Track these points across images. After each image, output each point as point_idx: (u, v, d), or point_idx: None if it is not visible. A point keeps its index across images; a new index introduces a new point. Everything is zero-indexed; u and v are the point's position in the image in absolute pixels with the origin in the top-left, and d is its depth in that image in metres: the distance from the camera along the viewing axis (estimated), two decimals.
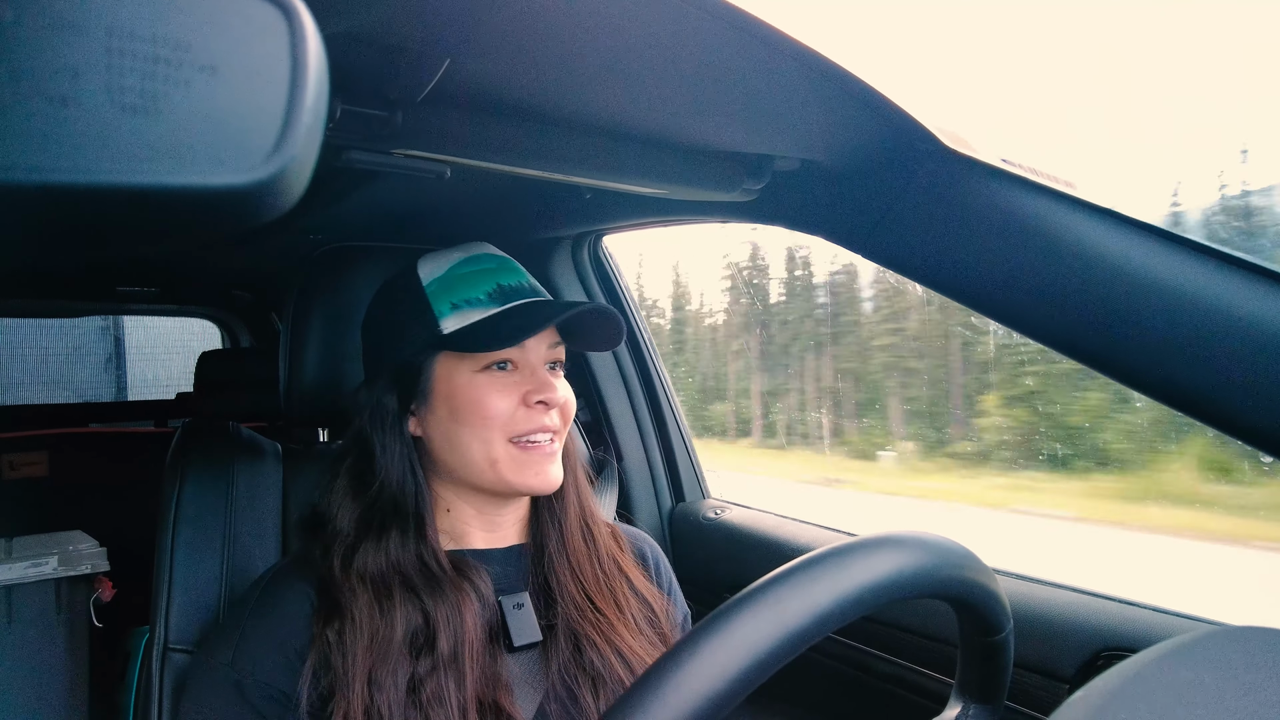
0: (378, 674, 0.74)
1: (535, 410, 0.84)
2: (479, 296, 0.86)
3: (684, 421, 1.74)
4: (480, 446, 0.83)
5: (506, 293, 0.87)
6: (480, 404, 0.83)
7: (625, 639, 0.86)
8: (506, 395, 0.84)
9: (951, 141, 0.78)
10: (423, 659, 0.76)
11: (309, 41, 0.24)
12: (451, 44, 0.60)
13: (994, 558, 0.68)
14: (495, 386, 0.84)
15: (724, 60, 0.65)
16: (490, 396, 0.83)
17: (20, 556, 1.94)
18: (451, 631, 0.77)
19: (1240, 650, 0.45)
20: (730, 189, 0.95)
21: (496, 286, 0.87)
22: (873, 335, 2.72)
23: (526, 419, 0.84)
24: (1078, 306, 0.71)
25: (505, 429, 0.83)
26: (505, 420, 0.83)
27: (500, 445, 0.83)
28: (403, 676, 0.75)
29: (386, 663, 0.74)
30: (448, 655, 0.76)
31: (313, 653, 0.76)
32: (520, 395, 0.84)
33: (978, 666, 0.65)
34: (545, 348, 0.88)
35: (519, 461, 0.83)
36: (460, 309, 0.85)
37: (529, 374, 0.86)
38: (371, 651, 0.75)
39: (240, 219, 0.24)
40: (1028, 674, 0.99)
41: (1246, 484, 1.74)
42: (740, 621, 0.46)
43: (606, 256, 1.70)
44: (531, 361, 0.86)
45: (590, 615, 0.86)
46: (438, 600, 0.79)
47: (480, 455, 0.83)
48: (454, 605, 0.79)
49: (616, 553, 0.95)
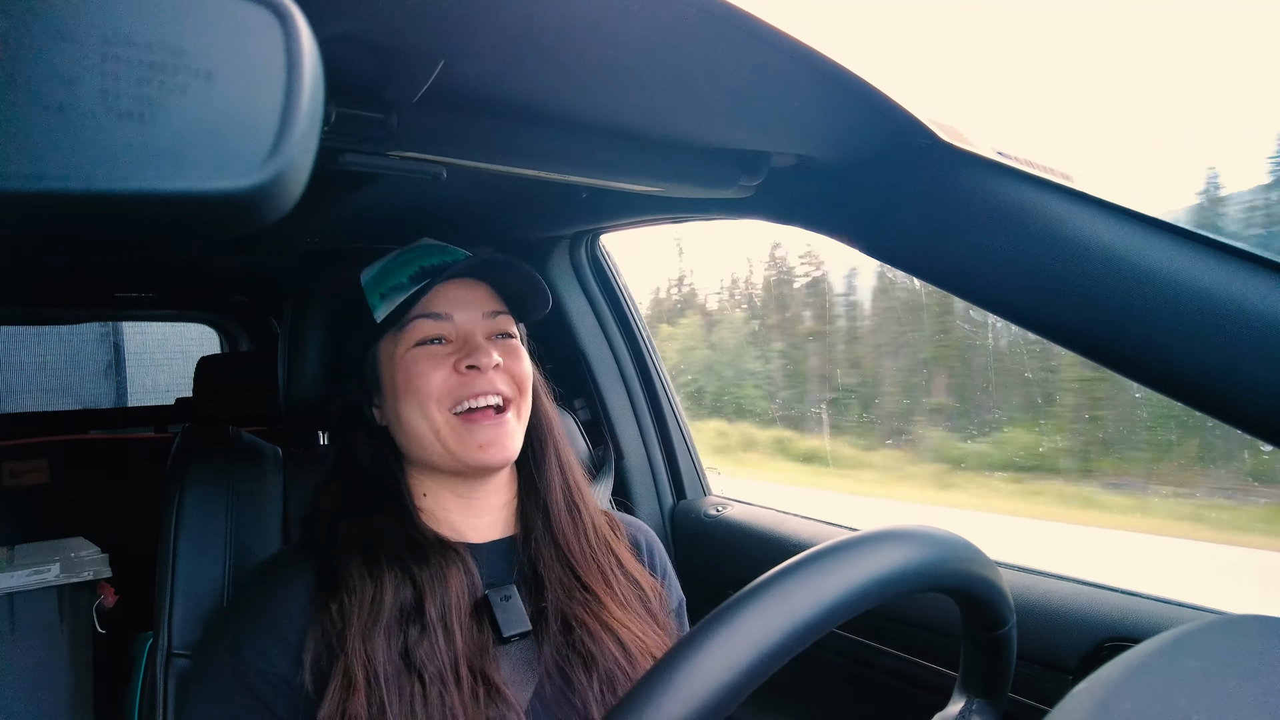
0: (371, 635, 0.75)
1: (468, 376, 0.85)
2: (402, 281, 0.89)
3: (684, 418, 1.74)
4: (422, 420, 0.85)
5: (428, 272, 0.89)
6: (412, 376, 0.85)
7: (615, 615, 0.87)
8: (438, 366, 0.85)
9: (948, 135, 0.78)
10: (412, 626, 0.77)
11: (304, 46, 0.24)
12: (446, 46, 0.60)
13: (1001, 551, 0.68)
14: (425, 358, 0.86)
15: (719, 57, 0.65)
16: (420, 367, 0.85)
17: (22, 564, 1.94)
18: (438, 598, 0.79)
19: (1242, 639, 0.45)
20: (727, 186, 0.95)
21: (419, 269, 0.89)
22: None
23: (461, 386, 0.85)
24: (1076, 298, 0.71)
25: (442, 400, 0.85)
26: (440, 390, 0.85)
27: (440, 416, 0.85)
28: (395, 642, 0.76)
29: (379, 624, 0.76)
30: (436, 619, 0.78)
31: (310, 637, 0.76)
32: (451, 363, 0.86)
33: (981, 661, 0.65)
34: (480, 318, 0.90)
35: (461, 432, 0.85)
36: (388, 297, 0.89)
37: (461, 344, 0.87)
38: (365, 615, 0.76)
39: (237, 223, 0.24)
40: (1031, 665, 0.99)
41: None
42: (749, 614, 0.46)
43: (604, 255, 1.70)
44: (465, 332, 0.88)
45: (579, 595, 0.87)
46: (422, 567, 0.81)
47: (425, 429, 0.85)
48: (439, 571, 0.81)
49: (607, 532, 0.96)
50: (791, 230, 1.02)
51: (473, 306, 0.89)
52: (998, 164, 0.76)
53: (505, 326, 0.92)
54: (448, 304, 0.88)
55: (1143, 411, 1.90)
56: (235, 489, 1.06)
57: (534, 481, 0.94)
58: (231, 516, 1.05)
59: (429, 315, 0.87)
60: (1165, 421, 1.81)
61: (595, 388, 1.66)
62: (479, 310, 0.90)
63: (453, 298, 0.89)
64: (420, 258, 0.91)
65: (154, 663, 0.96)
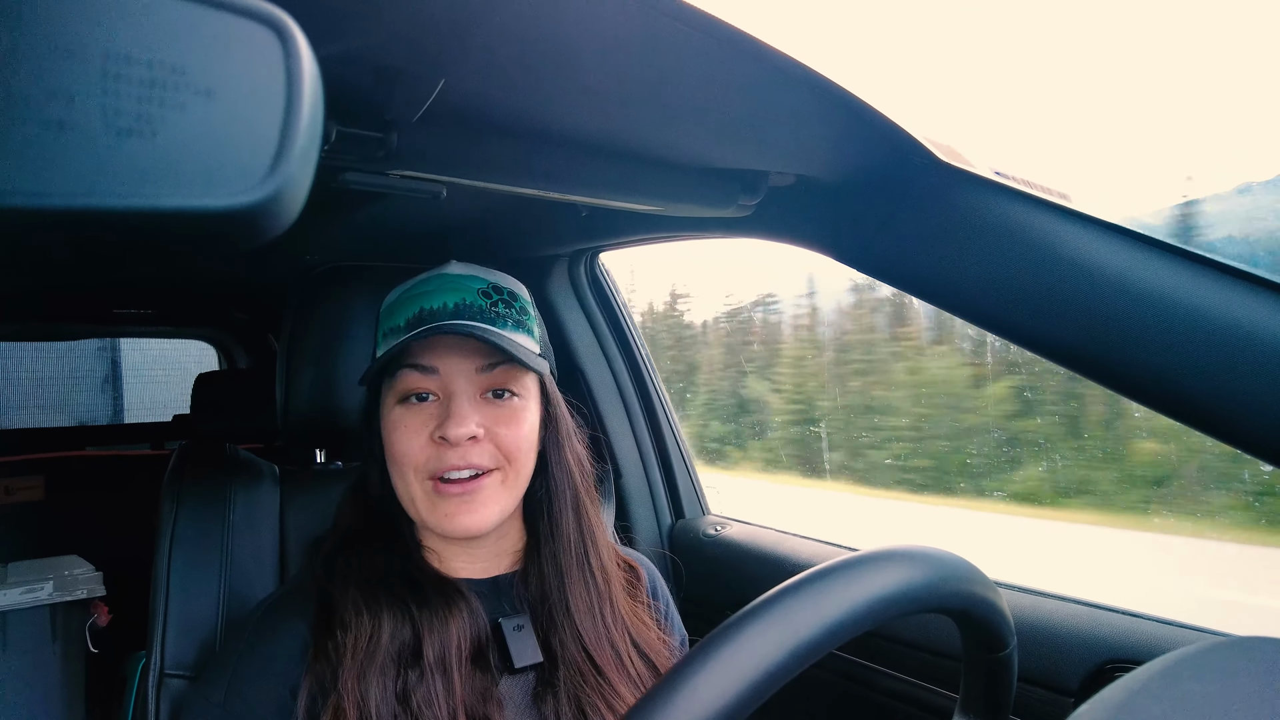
0: (366, 675, 0.73)
1: (441, 447, 0.77)
2: (399, 324, 0.80)
3: (683, 438, 1.73)
4: (401, 483, 0.80)
5: (423, 317, 0.79)
6: (392, 440, 0.79)
7: (625, 700, 0.82)
8: (416, 431, 0.78)
9: (945, 155, 0.78)
10: (411, 669, 0.75)
11: (304, 64, 0.25)
12: (446, 65, 0.61)
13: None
14: (405, 421, 0.79)
15: (718, 78, 0.66)
16: (398, 432, 0.79)
17: (15, 582, 1.93)
18: (437, 641, 0.76)
19: (1245, 661, 0.45)
20: (726, 205, 0.96)
21: (417, 312, 0.80)
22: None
23: (436, 457, 0.78)
24: (1074, 317, 0.71)
25: (419, 468, 0.78)
26: (416, 459, 0.78)
27: (417, 484, 0.79)
28: (392, 683, 0.74)
29: (374, 663, 0.74)
30: (434, 662, 0.75)
31: (305, 688, 0.74)
32: (429, 430, 0.78)
33: (982, 682, 0.64)
34: (474, 372, 0.79)
35: (433, 502, 0.78)
36: (387, 337, 0.81)
37: (445, 405, 0.79)
38: (361, 653, 0.74)
39: (237, 241, 0.24)
40: (1032, 687, 0.98)
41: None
42: (749, 634, 0.46)
43: (604, 273, 1.70)
44: (453, 390, 0.79)
45: (591, 679, 0.82)
46: (423, 610, 0.78)
47: (403, 492, 0.80)
48: (440, 615, 0.78)
49: (624, 604, 0.90)
50: (789, 249, 1.03)
51: (467, 358, 0.79)
52: (995, 183, 0.76)
53: (502, 382, 0.81)
54: (435, 354, 0.79)
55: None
56: (232, 507, 1.06)
57: (549, 537, 0.87)
58: (227, 534, 1.04)
59: (415, 366, 0.79)
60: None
61: (594, 406, 1.66)
62: (471, 364, 0.79)
63: (445, 345, 0.79)
64: (425, 295, 0.81)
65: (146, 682, 0.95)
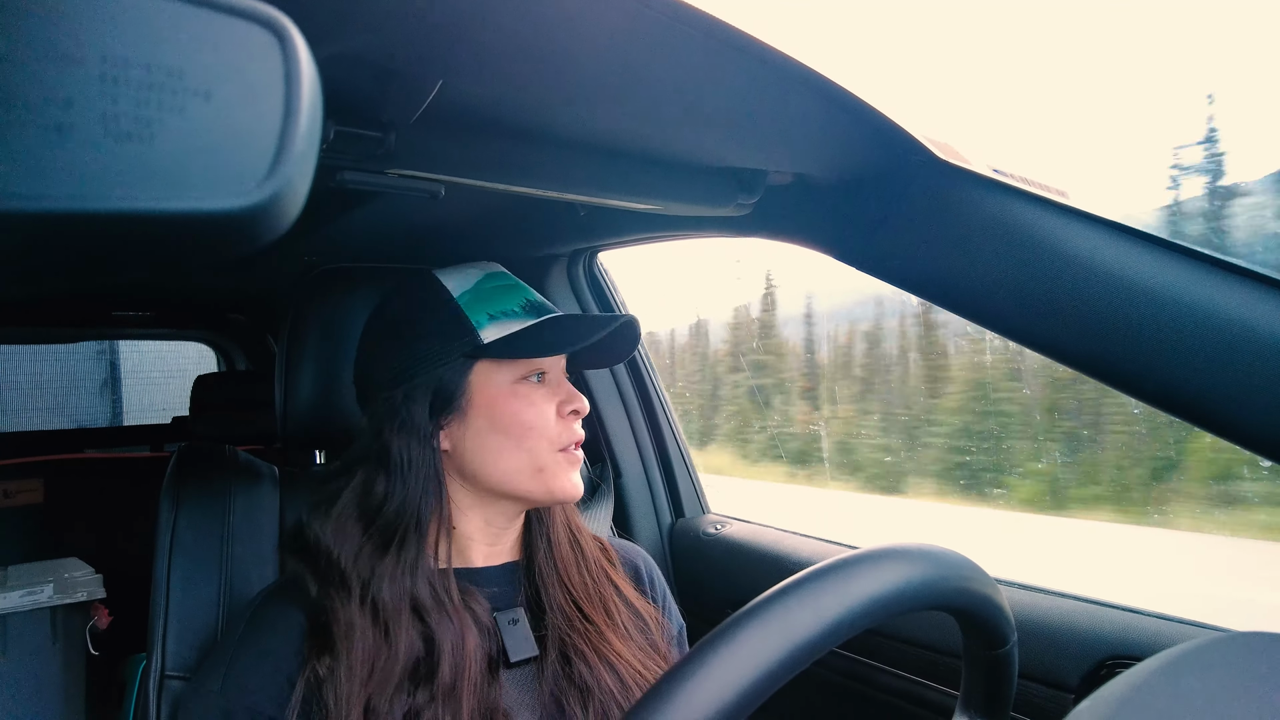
0: (375, 703, 0.73)
1: (569, 420, 0.88)
2: (514, 309, 0.88)
3: (682, 437, 1.74)
4: (525, 456, 0.85)
5: (536, 307, 0.90)
6: (523, 414, 0.85)
7: (614, 646, 0.86)
8: (545, 406, 0.86)
9: (943, 153, 0.78)
10: (421, 690, 0.75)
11: (302, 65, 0.25)
12: (444, 65, 0.61)
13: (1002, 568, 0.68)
14: (535, 397, 0.86)
15: (716, 77, 0.65)
16: (533, 407, 0.86)
17: (15, 585, 1.93)
18: (453, 660, 0.77)
19: (1245, 656, 0.45)
20: (724, 204, 0.96)
21: (526, 301, 0.90)
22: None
23: (565, 429, 0.87)
24: (1073, 314, 0.71)
25: (552, 441, 0.86)
26: (550, 432, 0.86)
27: (547, 454, 0.85)
28: (400, 707, 0.74)
29: (385, 692, 0.74)
30: (447, 685, 0.76)
31: (302, 679, 0.74)
32: (554, 405, 0.87)
33: (982, 680, 0.64)
34: (564, 359, 0.92)
35: (561, 469, 0.86)
36: (498, 319, 0.86)
37: (558, 384, 0.89)
38: (371, 681, 0.74)
39: (236, 243, 0.24)
40: (1032, 684, 0.98)
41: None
42: (748, 634, 0.46)
43: (602, 273, 1.70)
44: (558, 373, 0.90)
45: (579, 624, 0.87)
46: (444, 626, 0.78)
47: (525, 464, 0.85)
48: (458, 632, 0.79)
49: (604, 563, 0.96)
50: (787, 248, 1.03)
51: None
52: (994, 181, 0.76)
53: (569, 369, 0.94)
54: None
55: None
56: (231, 508, 1.06)
57: (540, 515, 0.94)
58: (227, 536, 1.04)
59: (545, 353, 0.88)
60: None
61: (593, 405, 1.66)
62: (565, 355, 0.92)
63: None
64: (520, 289, 0.92)
65: (147, 685, 0.95)
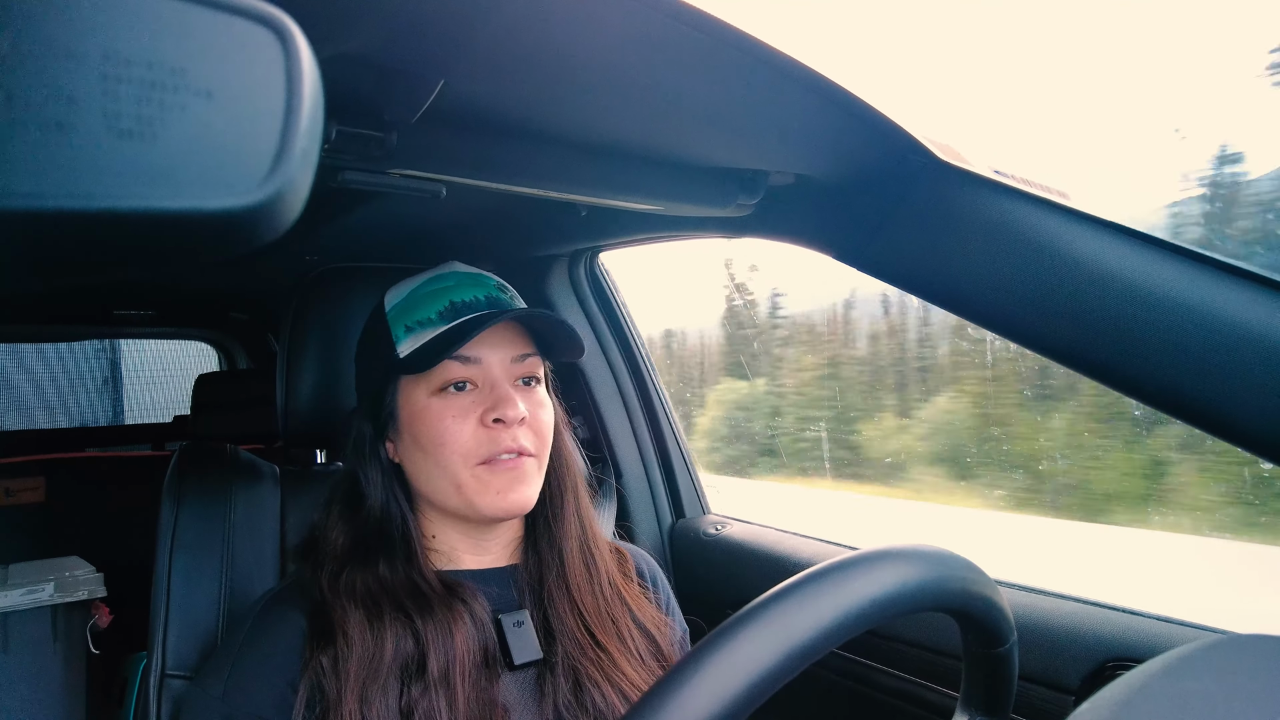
0: (369, 693, 0.73)
1: (494, 430, 0.80)
2: (430, 316, 0.83)
3: (683, 437, 1.73)
4: (443, 473, 0.81)
5: (458, 309, 0.83)
6: (436, 430, 0.80)
7: (628, 675, 0.83)
8: (463, 418, 0.80)
9: (945, 154, 0.78)
10: (414, 682, 0.75)
11: (304, 64, 0.25)
12: (446, 65, 0.61)
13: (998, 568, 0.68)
14: (451, 410, 0.81)
15: (718, 77, 0.65)
16: (445, 422, 0.80)
17: (16, 583, 1.93)
18: (441, 652, 0.76)
19: (1246, 659, 0.45)
20: (725, 204, 0.96)
21: (449, 304, 0.83)
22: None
23: (488, 441, 0.80)
24: (1072, 315, 0.71)
25: (467, 455, 0.80)
26: (465, 446, 0.80)
27: (465, 471, 0.80)
28: (394, 698, 0.74)
29: (377, 681, 0.74)
30: (438, 676, 0.75)
31: (304, 683, 0.74)
32: (477, 415, 0.81)
33: (982, 679, 0.64)
34: (509, 362, 0.84)
35: (484, 482, 0.80)
36: (414, 331, 0.83)
37: (488, 391, 0.82)
38: (363, 670, 0.74)
39: (237, 242, 0.24)
40: (1033, 686, 0.98)
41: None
42: (744, 638, 0.46)
43: (603, 273, 1.70)
44: (492, 378, 0.82)
45: (591, 652, 0.83)
46: (427, 620, 0.77)
47: (447, 482, 0.81)
48: (444, 625, 0.78)
49: (620, 580, 0.93)
50: (789, 249, 1.03)
51: (502, 348, 0.83)
52: (995, 182, 0.76)
53: (533, 370, 0.86)
54: (476, 345, 0.82)
55: None
56: (232, 508, 1.06)
57: (549, 526, 0.90)
58: (228, 535, 1.04)
59: (457, 357, 0.81)
60: None
61: (594, 405, 1.66)
62: (509, 352, 0.84)
63: (482, 337, 0.82)
64: (451, 290, 0.85)
65: (147, 683, 0.95)
